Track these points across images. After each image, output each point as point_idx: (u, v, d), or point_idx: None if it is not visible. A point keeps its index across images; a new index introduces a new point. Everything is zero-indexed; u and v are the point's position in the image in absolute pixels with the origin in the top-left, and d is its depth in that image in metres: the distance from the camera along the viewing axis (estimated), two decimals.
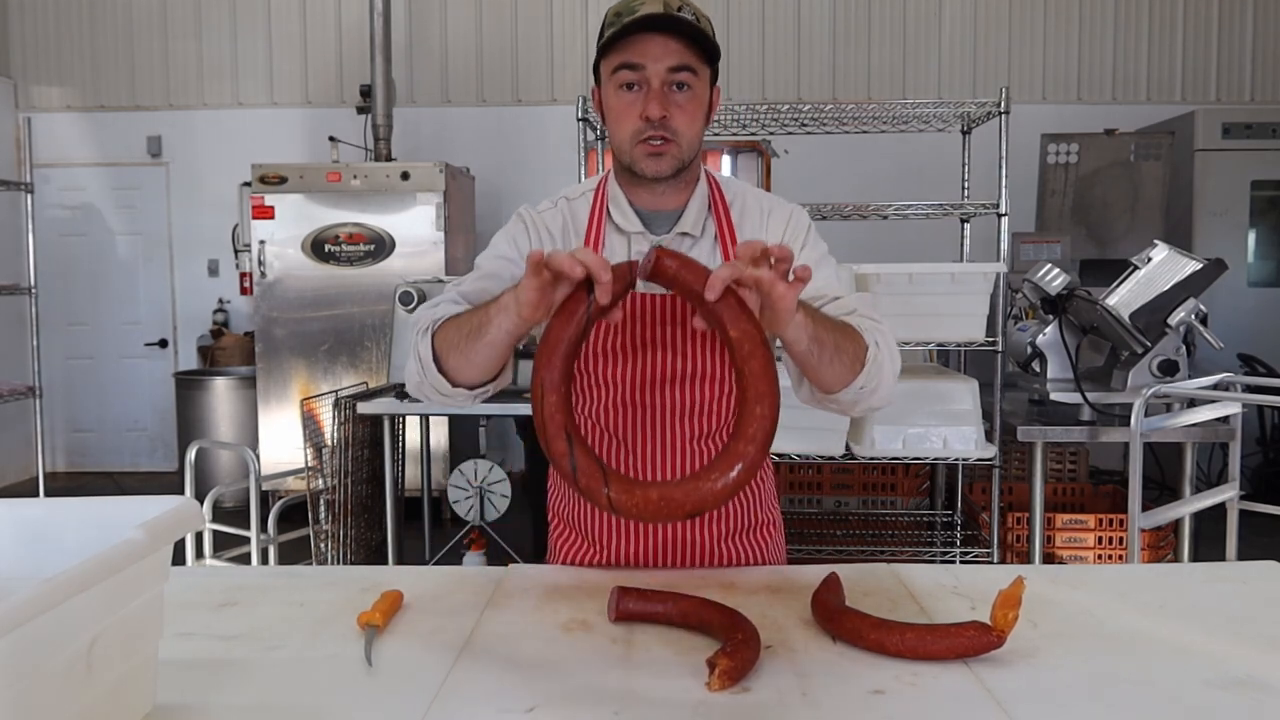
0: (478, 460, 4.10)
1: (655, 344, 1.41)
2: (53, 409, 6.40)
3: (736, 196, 1.48)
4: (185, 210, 6.68)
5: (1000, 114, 3.32)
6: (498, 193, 6.44)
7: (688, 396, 1.43)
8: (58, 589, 0.75)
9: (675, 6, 1.29)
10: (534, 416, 1.10)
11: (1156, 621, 1.21)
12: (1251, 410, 4.88)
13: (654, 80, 1.31)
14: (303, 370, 5.43)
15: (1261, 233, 5.65)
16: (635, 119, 1.33)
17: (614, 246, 1.43)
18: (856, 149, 5.65)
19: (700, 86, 1.34)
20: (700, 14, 1.34)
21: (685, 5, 1.31)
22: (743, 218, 1.46)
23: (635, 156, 1.37)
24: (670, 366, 1.42)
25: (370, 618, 1.16)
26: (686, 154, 1.37)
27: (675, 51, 1.30)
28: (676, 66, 1.31)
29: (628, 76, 1.32)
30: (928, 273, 3.16)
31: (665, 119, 1.32)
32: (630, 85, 1.33)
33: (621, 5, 1.33)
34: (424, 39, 6.56)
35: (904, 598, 1.30)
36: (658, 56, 1.30)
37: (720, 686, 1.00)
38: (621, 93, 1.34)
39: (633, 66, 1.31)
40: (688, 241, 1.43)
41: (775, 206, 1.47)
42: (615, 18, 1.32)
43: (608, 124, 1.39)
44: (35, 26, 6.67)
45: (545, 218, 1.46)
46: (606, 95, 1.37)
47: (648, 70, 1.31)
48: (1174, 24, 6.45)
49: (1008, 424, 3.20)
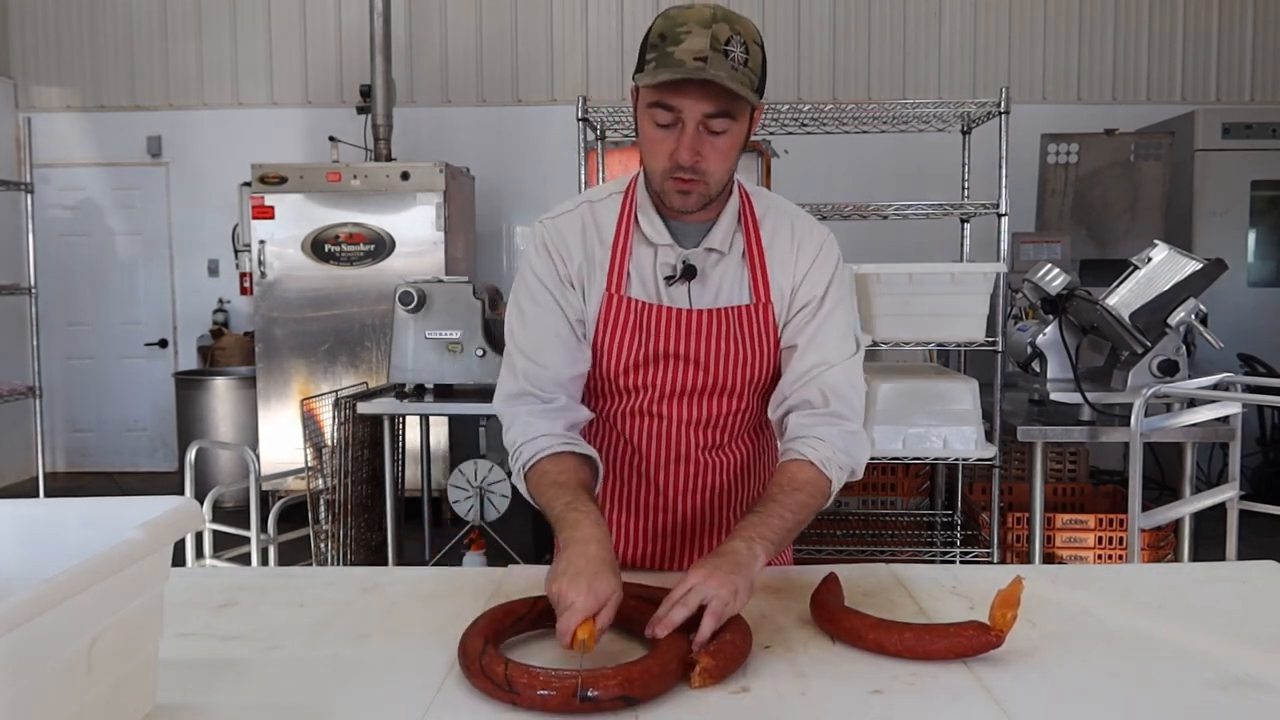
0: (478, 460, 4.10)
1: (679, 357, 1.40)
2: (53, 409, 6.39)
3: (768, 213, 1.44)
4: (185, 210, 6.68)
5: (1000, 114, 3.32)
6: (498, 193, 6.44)
7: (704, 409, 1.43)
8: (58, 589, 0.75)
9: (724, 40, 1.21)
10: None
11: (1156, 621, 1.21)
12: (1251, 410, 4.88)
13: (689, 124, 1.26)
14: (303, 370, 5.43)
15: (1261, 233, 5.65)
16: (666, 158, 1.29)
17: (640, 257, 1.41)
18: (856, 149, 5.65)
19: (738, 126, 1.29)
20: (750, 42, 1.25)
21: (734, 37, 1.23)
22: (773, 241, 1.42)
23: (665, 189, 1.33)
24: (691, 379, 1.41)
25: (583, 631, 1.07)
26: (715, 189, 1.33)
27: (712, 99, 1.24)
28: (713, 114, 1.25)
29: (662, 117, 1.27)
30: (928, 273, 3.16)
31: (697, 163, 1.28)
32: (665, 124, 1.28)
33: (667, 28, 1.24)
34: (424, 39, 6.56)
35: (903, 598, 1.30)
36: (693, 105, 1.24)
37: (702, 684, 1.01)
38: (655, 127, 1.29)
39: (668, 108, 1.26)
40: (714, 256, 1.40)
41: (806, 239, 1.42)
42: (659, 41, 1.24)
43: (640, 145, 1.34)
44: (35, 26, 6.67)
45: (561, 226, 1.42)
46: (641, 118, 1.31)
47: (684, 114, 1.25)
48: (1174, 24, 6.44)
49: (1008, 424, 3.20)
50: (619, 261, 1.39)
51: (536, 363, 1.38)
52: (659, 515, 1.48)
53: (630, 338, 1.39)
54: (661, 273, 1.40)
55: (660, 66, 1.23)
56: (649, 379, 1.41)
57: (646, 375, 1.41)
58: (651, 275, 1.40)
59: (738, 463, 1.48)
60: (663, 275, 1.40)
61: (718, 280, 1.40)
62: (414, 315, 3.83)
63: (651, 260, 1.40)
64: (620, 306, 1.39)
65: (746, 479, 1.51)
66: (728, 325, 1.39)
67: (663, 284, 1.40)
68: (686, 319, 1.39)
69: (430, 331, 3.84)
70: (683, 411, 1.43)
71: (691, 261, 1.39)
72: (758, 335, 1.40)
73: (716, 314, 1.39)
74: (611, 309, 1.39)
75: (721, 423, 1.45)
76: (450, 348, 3.85)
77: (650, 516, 1.48)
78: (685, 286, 1.39)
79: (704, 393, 1.42)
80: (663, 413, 1.43)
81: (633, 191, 1.43)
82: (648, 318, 1.39)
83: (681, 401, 1.42)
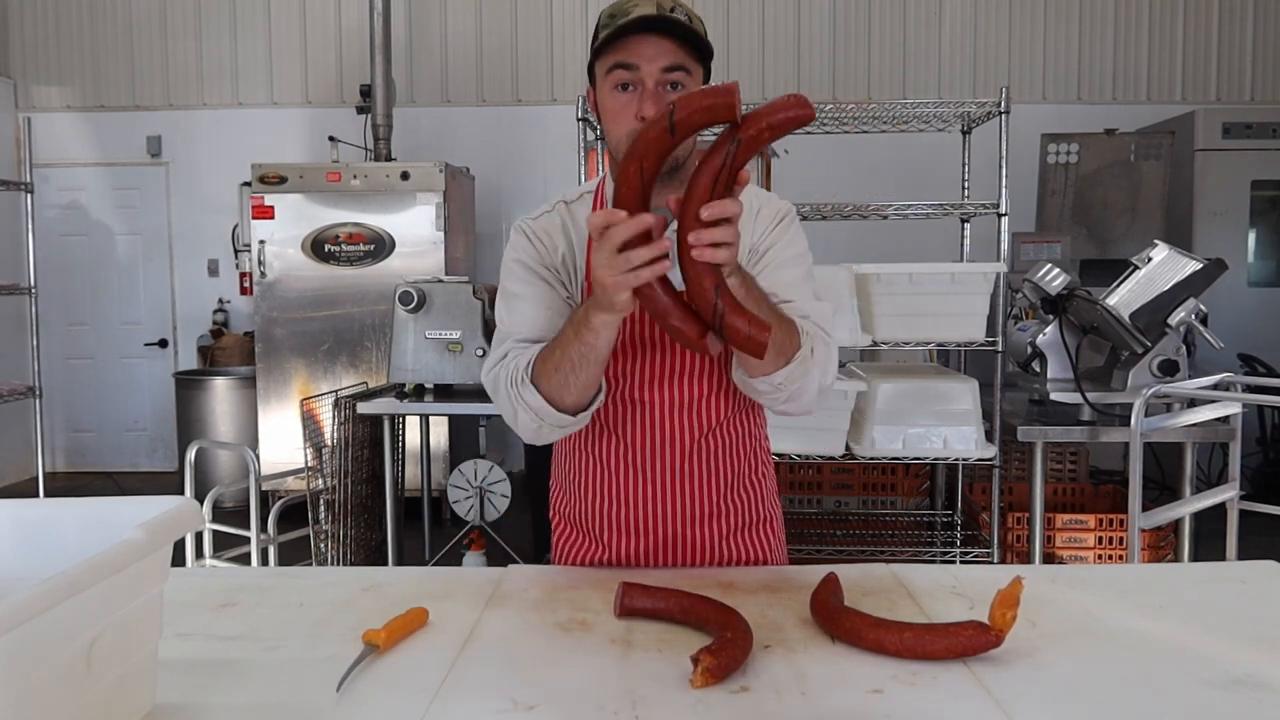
0: (478, 460, 4.10)
1: (650, 342, 1.43)
2: (53, 409, 6.40)
3: None
4: (185, 210, 6.68)
5: (1000, 114, 3.32)
6: (498, 193, 6.44)
7: (685, 392, 1.45)
8: (58, 589, 0.75)
9: (668, 7, 1.31)
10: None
11: (1156, 621, 1.21)
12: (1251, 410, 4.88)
13: (648, 80, 1.32)
14: (303, 370, 5.43)
15: (1261, 233, 5.65)
16: (631, 119, 1.34)
17: None
18: (856, 149, 5.65)
19: (694, 82, 1.36)
20: (693, 14, 1.36)
21: (678, 6, 1.33)
22: None
23: None
24: (666, 363, 1.44)
25: (374, 637, 1.11)
26: (681, 152, 1.38)
27: (669, 51, 1.32)
28: (670, 66, 1.32)
29: (622, 77, 1.34)
30: (928, 273, 3.16)
31: None
32: (625, 85, 1.34)
33: (615, 7, 1.34)
34: (424, 39, 6.56)
35: (903, 598, 1.30)
36: (651, 57, 1.32)
37: (703, 683, 1.01)
38: (617, 93, 1.35)
39: (627, 66, 1.33)
40: None
41: (765, 204, 1.48)
42: (609, 19, 1.34)
43: (604, 124, 1.40)
44: (35, 26, 6.67)
45: (542, 224, 1.48)
46: (602, 96, 1.38)
47: (642, 70, 1.32)
48: (1174, 24, 6.44)
49: (1008, 424, 3.20)
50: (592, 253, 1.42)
51: (524, 329, 1.41)
52: (651, 507, 1.48)
53: None
54: None
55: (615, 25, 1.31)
56: (629, 366, 1.44)
57: (627, 363, 1.44)
58: None
59: (728, 448, 1.49)
60: None
61: None
62: (414, 315, 3.83)
63: None
64: None
65: (738, 465, 1.51)
66: None
67: None
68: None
69: (430, 331, 3.84)
70: (665, 395, 1.45)
71: None
72: None
73: None
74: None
75: (705, 405, 1.46)
76: (450, 348, 3.85)
77: (642, 509, 1.48)
78: None
79: (682, 375, 1.44)
80: (646, 399, 1.45)
81: (602, 188, 1.48)
82: None
83: (663, 386, 1.44)
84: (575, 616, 1.22)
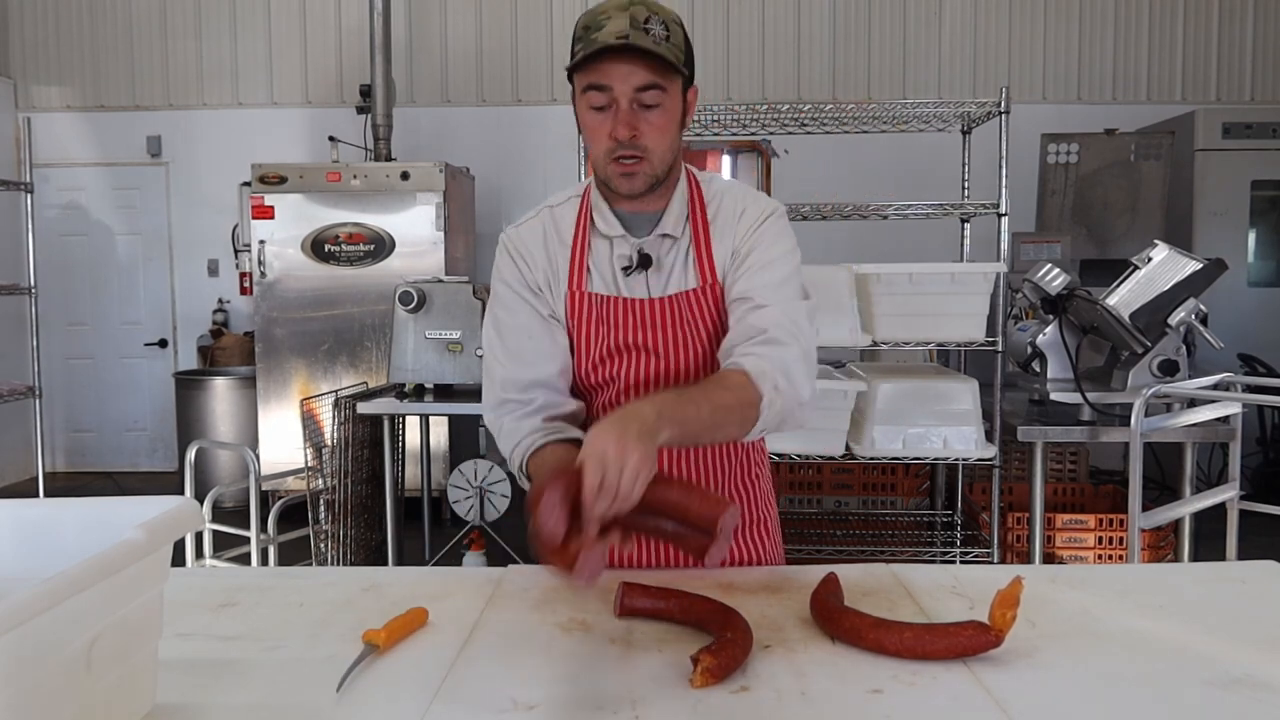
0: (478, 460, 4.10)
1: (639, 347, 1.43)
2: (52, 409, 6.40)
3: (715, 196, 1.47)
4: (185, 210, 6.68)
5: (1000, 114, 3.32)
6: (498, 193, 6.44)
7: None
8: (58, 589, 0.75)
9: (642, 19, 1.28)
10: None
11: (1156, 621, 1.21)
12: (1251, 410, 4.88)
13: (622, 101, 1.31)
14: (303, 370, 5.43)
15: (1261, 233, 5.65)
16: (606, 139, 1.33)
17: (598, 251, 1.45)
18: (856, 149, 5.65)
19: (670, 100, 1.33)
20: (670, 21, 1.31)
21: (652, 17, 1.29)
22: (717, 217, 1.45)
23: (609, 174, 1.37)
24: (652, 369, 1.43)
25: (374, 637, 1.11)
26: (659, 168, 1.37)
27: (641, 72, 1.29)
28: (643, 86, 1.30)
29: (597, 99, 1.32)
30: (928, 273, 3.16)
31: (635, 138, 1.32)
32: (600, 106, 1.33)
33: (590, 19, 1.31)
34: (424, 39, 6.56)
35: (903, 598, 1.30)
36: (624, 76, 1.29)
37: (703, 683, 1.01)
38: (592, 112, 1.34)
39: (600, 88, 1.31)
40: (668, 243, 1.44)
41: (750, 205, 1.46)
42: (584, 32, 1.31)
43: (583, 137, 1.39)
44: (35, 26, 6.67)
45: (524, 234, 1.47)
46: (580, 110, 1.37)
47: (615, 91, 1.30)
48: (1174, 24, 6.44)
49: (1008, 424, 3.20)
50: (578, 258, 1.44)
51: (512, 366, 1.43)
52: None
53: (594, 332, 1.43)
54: (618, 264, 1.43)
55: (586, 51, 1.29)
56: (614, 372, 1.44)
57: (612, 368, 1.44)
58: (609, 268, 1.44)
59: (722, 448, 1.49)
60: (619, 267, 1.43)
61: (669, 267, 1.44)
62: (414, 315, 3.83)
63: (608, 253, 1.44)
64: (582, 302, 1.43)
65: (730, 466, 1.51)
66: (678, 311, 1.42)
67: (620, 276, 1.43)
68: (643, 309, 1.42)
69: (430, 331, 3.84)
70: None
71: (646, 250, 1.42)
72: (705, 318, 1.43)
73: (669, 301, 1.42)
74: (575, 305, 1.43)
75: None
76: (450, 348, 3.85)
77: None
78: (643, 276, 1.43)
79: (665, 381, 1.43)
80: None
81: (588, 192, 1.47)
82: (608, 310, 1.42)
83: (647, 393, 1.43)
84: (575, 616, 1.22)
